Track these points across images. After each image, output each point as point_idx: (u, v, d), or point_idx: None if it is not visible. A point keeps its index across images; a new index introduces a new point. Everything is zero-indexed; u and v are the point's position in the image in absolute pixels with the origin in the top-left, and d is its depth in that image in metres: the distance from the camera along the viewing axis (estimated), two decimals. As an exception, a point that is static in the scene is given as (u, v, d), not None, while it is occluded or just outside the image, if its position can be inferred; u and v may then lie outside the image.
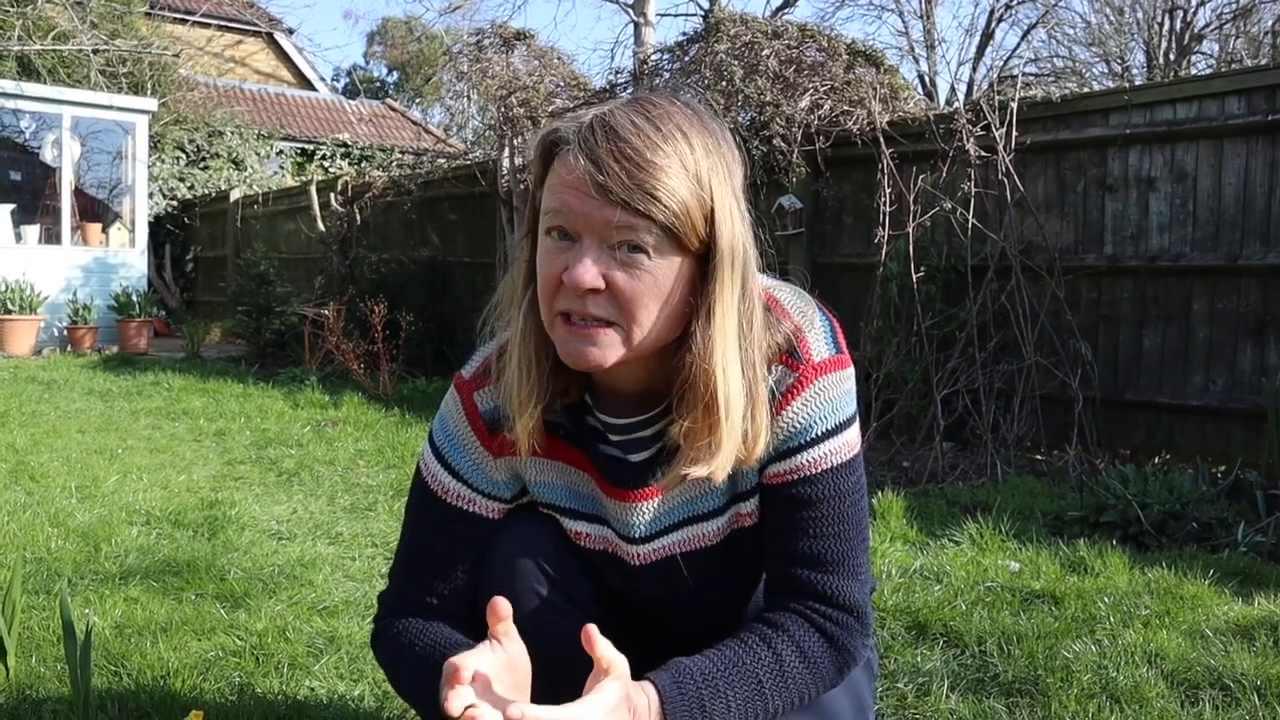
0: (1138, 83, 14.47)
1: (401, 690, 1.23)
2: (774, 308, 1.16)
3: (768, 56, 5.28)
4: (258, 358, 8.48)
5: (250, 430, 5.09)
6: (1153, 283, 4.28)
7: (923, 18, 18.66)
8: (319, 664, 2.07)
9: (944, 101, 15.39)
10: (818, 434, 1.15)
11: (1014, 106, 4.51)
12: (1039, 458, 4.32)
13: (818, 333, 1.16)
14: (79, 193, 10.60)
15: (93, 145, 10.76)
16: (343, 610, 2.42)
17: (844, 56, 5.31)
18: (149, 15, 13.74)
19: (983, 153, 4.56)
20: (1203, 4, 17.04)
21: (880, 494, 3.50)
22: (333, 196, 9.01)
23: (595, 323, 1.05)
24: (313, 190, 9.31)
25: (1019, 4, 17.51)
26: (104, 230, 10.60)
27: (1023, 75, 9.67)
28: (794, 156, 5.12)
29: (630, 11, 11.76)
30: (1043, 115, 4.58)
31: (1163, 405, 4.23)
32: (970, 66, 18.24)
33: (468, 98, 7.46)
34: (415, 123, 18.14)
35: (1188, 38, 17.33)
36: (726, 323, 1.07)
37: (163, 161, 13.17)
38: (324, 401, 5.98)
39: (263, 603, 2.45)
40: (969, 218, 4.53)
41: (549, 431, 1.17)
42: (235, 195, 11.87)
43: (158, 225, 12.84)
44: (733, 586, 1.29)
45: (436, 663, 1.12)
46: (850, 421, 1.18)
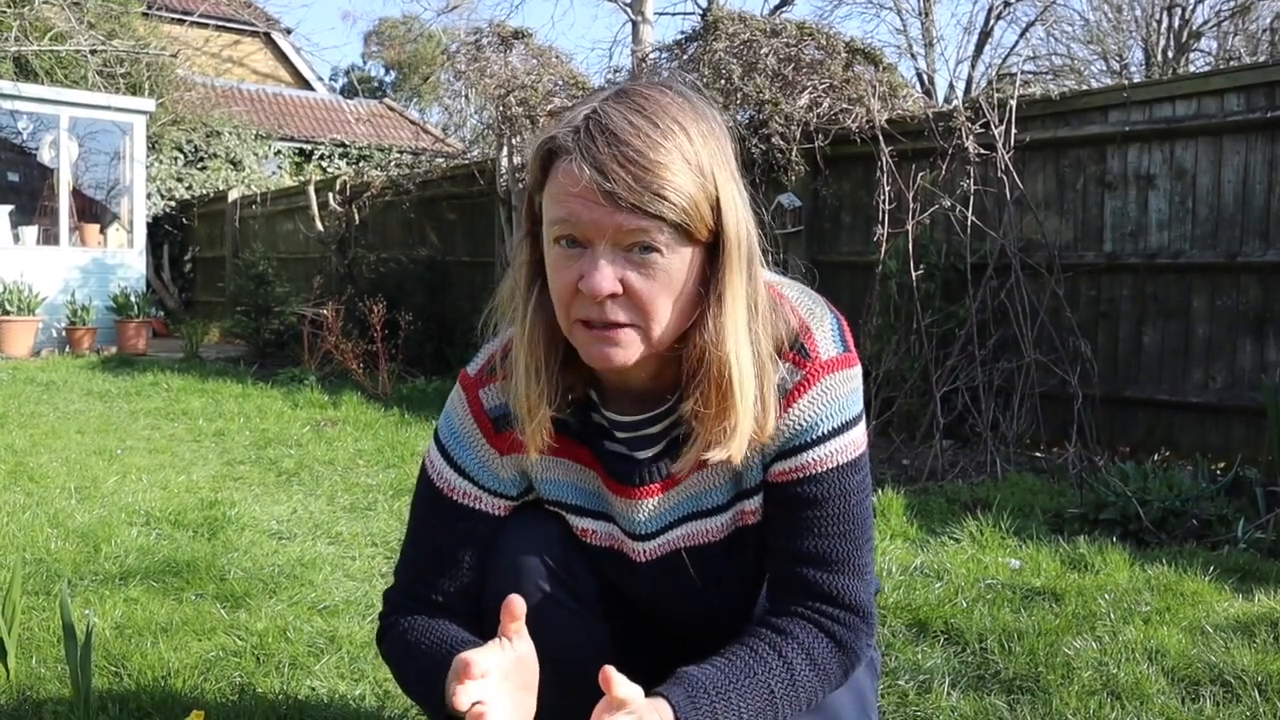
0: (1136, 80, 14.47)
1: (408, 687, 1.23)
2: (781, 303, 1.16)
3: (766, 55, 5.28)
4: (256, 358, 8.48)
5: (249, 430, 5.08)
6: (1152, 280, 4.28)
7: (921, 15, 18.68)
8: (320, 663, 2.07)
9: (942, 99, 15.40)
10: (824, 432, 1.15)
11: (1013, 104, 4.51)
12: (1039, 455, 4.32)
13: (826, 330, 1.16)
14: (77, 193, 10.59)
15: (90, 146, 10.75)
16: (343, 610, 2.42)
17: (842, 54, 5.31)
18: (146, 15, 13.73)
19: (982, 150, 4.56)
20: (1201, 1, 17.07)
21: (880, 492, 3.50)
22: (331, 196, 9.00)
23: (616, 326, 1.05)
24: (311, 190, 9.31)
25: (1017, 2, 17.54)
26: (102, 231, 10.59)
27: (1021, 73, 9.68)
28: (793, 154, 5.12)
29: (628, 10, 11.75)
30: (1042, 113, 4.58)
31: (1162, 402, 4.23)
32: (969, 64, 18.26)
33: (466, 97, 7.45)
34: (413, 122, 18.15)
35: (1186, 35, 17.34)
36: (737, 307, 1.07)
37: (160, 162, 13.16)
38: (323, 401, 5.98)
39: (263, 602, 2.45)
40: (968, 215, 4.53)
41: (556, 430, 1.17)
42: (233, 195, 11.86)
43: (156, 226, 12.84)
44: (737, 585, 1.29)
45: (443, 660, 1.11)
46: (856, 420, 1.17)
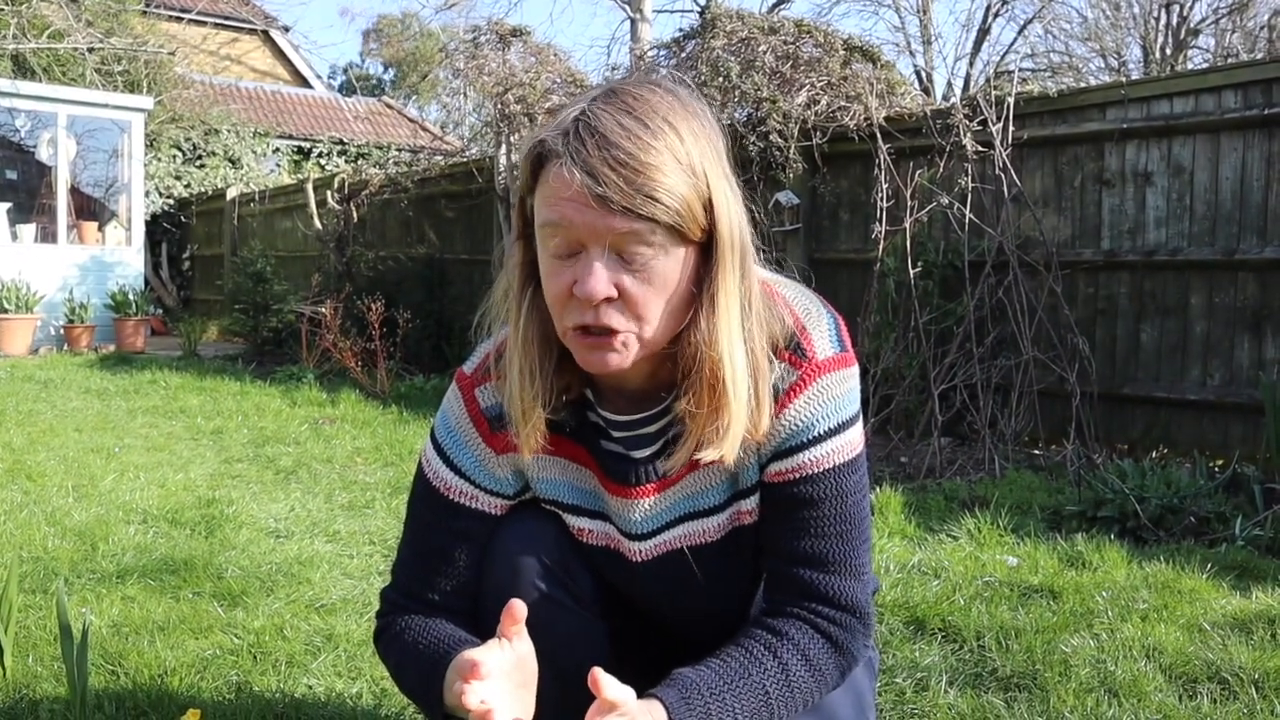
0: (1134, 77, 14.46)
1: (404, 686, 1.22)
2: (775, 300, 1.15)
3: (764, 52, 5.28)
4: (255, 356, 8.48)
5: (247, 428, 5.08)
6: (1150, 277, 4.28)
7: (919, 13, 18.66)
8: (317, 662, 2.07)
9: (940, 97, 15.41)
10: (820, 432, 1.14)
11: (1011, 101, 4.51)
12: (1037, 452, 4.32)
13: (822, 330, 1.15)
14: (75, 191, 10.58)
15: (88, 144, 10.74)
16: (340, 608, 2.42)
17: (840, 52, 5.31)
18: (144, 13, 13.72)
19: (980, 148, 4.55)
20: (1199, -1, 17.05)
21: (878, 489, 3.50)
22: (329, 194, 9.00)
23: (611, 333, 1.05)
24: (309, 188, 9.30)
25: (1015, -1, 17.51)
26: (100, 229, 10.58)
27: (1019, 70, 9.68)
28: (791, 152, 5.12)
29: (627, 8, 11.74)
30: (1039, 110, 4.58)
31: (1160, 400, 4.24)
32: (967, 62, 18.25)
33: (464, 95, 7.45)
34: (412, 120, 18.14)
35: (1184, 32, 17.34)
36: (730, 306, 1.06)
37: (159, 160, 13.15)
38: (321, 399, 5.97)
39: (260, 601, 2.45)
40: (966, 213, 4.53)
41: (551, 429, 1.17)
42: (232, 193, 11.85)
43: (154, 224, 12.82)
44: (734, 585, 1.28)
45: (441, 659, 1.12)
46: (853, 420, 1.17)
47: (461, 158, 8.23)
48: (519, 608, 1.01)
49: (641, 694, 1.02)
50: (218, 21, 17.37)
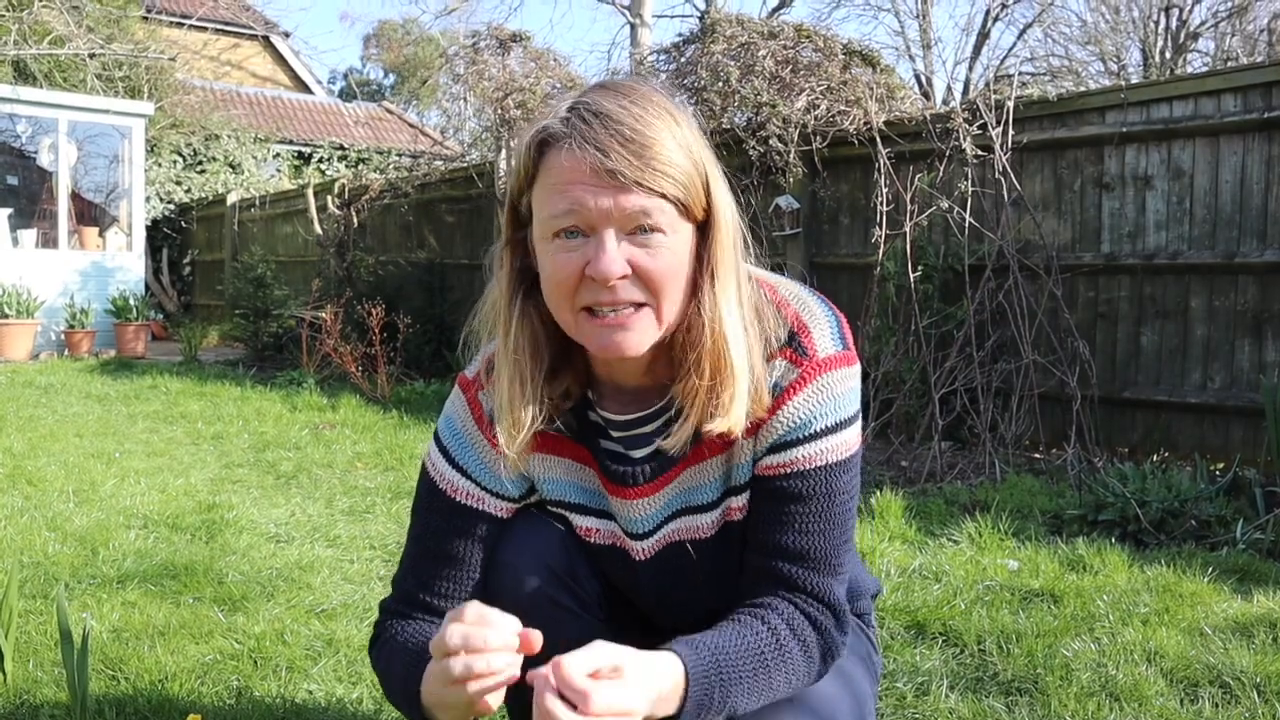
0: (1134, 81, 14.47)
1: (392, 688, 1.18)
2: (772, 296, 1.16)
3: (764, 57, 5.28)
4: (255, 361, 8.48)
5: (248, 433, 5.08)
6: (1150, 281, 4.29)
7: (919, 17, 18.69)
8: (317, 667, 2.07)
9: (940, 101, 15.42)
10: (817, 430, 1.14)
11: (1010, 105, 4.52)
12: (1037, 456, 4.32)
13: (824, 328, 1.15)
14: (76, 197, 10.60)
15: (89, 149, 10.76)
16: (341, 613, 2.42)
17: (840, 56, 5.31)
18: (145, 19, 13.75)
19: (979, 152, 4.56)
20: (1198, 2, 17.09)
21: (879, 493, 3.50)
22: (330, 199, 9.00)
23: (626, 308, 1.06)
24: (309, 193, 9.31)
25: (1015, 3, 17.56)
26: (101, 234, 10.59)
27: (1019, 74, 9.69)
28: (791, 157, 5.12)
29: (626, 13, 11.77)
30: (1039, 114, 4.59)
31: (1161, 403, 4.23)
32: (966, 66, 18.28)
33: (464, 100, 7.45)
34: (412, 125, 18.15)
35: (1183, 36, 17.36)
36: (729, 283, 1.09)
37: (159, 165, 13.17)
38: (322, 404, 5.98)
39: (261, 606, 2.45)
40: (966, 217, 4.53)
41: (553, 430, 1.17)
42: (232, 199, 11.86)
43: (155, 229, 12.84)
44: (728, 580, 1.29)
45: (426, 655, 1.10)
46: (851, 420, 1.17)
47: (462, 163, 8.25)
48: (536, 639, 0.98)
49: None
50: (218, 27, 17.42)
